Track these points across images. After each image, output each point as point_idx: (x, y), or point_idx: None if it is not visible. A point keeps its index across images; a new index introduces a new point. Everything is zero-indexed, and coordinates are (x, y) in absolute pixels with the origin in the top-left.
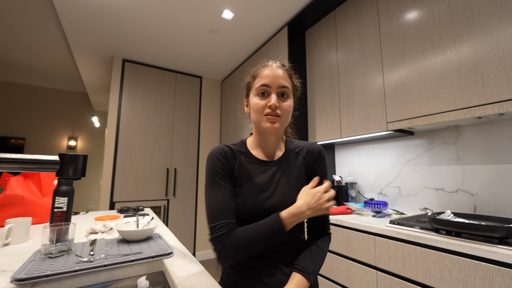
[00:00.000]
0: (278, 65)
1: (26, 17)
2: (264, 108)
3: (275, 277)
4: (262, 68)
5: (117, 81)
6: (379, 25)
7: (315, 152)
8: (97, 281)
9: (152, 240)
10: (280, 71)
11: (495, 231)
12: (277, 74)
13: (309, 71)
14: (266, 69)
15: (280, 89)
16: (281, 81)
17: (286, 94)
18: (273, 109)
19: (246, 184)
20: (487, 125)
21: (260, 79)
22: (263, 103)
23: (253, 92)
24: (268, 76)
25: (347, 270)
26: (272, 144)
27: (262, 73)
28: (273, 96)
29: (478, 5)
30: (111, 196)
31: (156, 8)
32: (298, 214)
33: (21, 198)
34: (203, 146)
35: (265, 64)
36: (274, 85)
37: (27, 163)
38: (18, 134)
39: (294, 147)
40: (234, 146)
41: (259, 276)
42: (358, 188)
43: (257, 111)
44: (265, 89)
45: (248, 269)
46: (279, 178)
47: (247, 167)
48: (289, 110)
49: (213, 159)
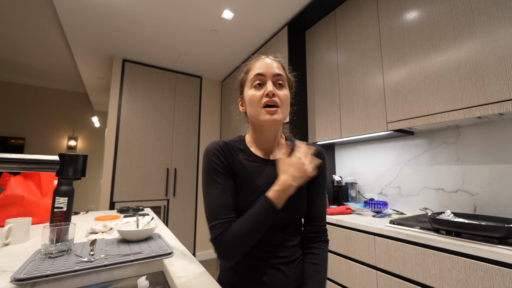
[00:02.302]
0: (270, 57)
1: (26, 17)
2: (261, 99)
3: (276, 278)
4: (254, 61)
5: (117, 81)
6: (379, 25)
7: (316, 153)
8: (97, 281)
9: (152, 240)
10: (272, 61)
11: (495, 231)
12: (271, 64)
13: (309, 71)
14: (258, 61)
15: (276, 77)
16: (276, 70)
17: (282, 83)
18: (270, 97)
19: (245, 184)
20: (487, 125)
21: (253, 70)
22: (259, 94)
23: (248, 86)
24: (261, 66)
25: (347, 270)
26: (271, 141)
27: (255, 65)
28: (269, 83)
29: (478, 5)
30: (111, 196)
31: (156, 8)
32: (285, 190)
33: (21, 198)
34: (203, 146)
35: (258, 57)
36: (268, 73)
37: (27, 163)
38: (18, 134)
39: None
40: (232, 142)
41: (259, 277)
42: (358, 188)
43: (254, 103)
44: (260, 79)
45: (248, 270)
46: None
47: (245, 165)
48: (287, 100)
49: (209, 154)
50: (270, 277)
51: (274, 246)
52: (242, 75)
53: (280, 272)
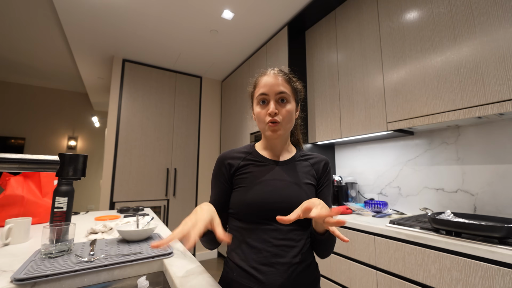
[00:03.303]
0: (275, 72)
1: (26, 17)
2: (265, 116)
3: (274, 278)
4: (260, 77)
5: (117, 81)
6: (379, 25)
7: (323, 163)
8: (97, 281)
9: (152, 240)
10: (277, 77)
11: (495, 231)
12: (274, 82)
13: (309, 71)
14: (263, 78)
15: (278, 95)
16: (279, 88)
17: (286, 99)
18: (272, 116)
19: (250, 179)
20: (487, 125)
21: (258, 88)
22: (264, 112)
23: (255, 102)
24: (265, 84)
25: (347, 270)
26: (279, 147)
27: (260, 82)
28: (271, 104)
29: (478, 5)
30: (111, 196)
31: (156, 8)
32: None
33: (21, 198)
34: (203, 146)
35: (263, 72)
36: (271, 93)
37: (27, 163)
38: (18, 134)
39: (303, 154)
40: (241, 149)
41: (257, 275)
42: (358, 188)
43: (260, 119)
44: (264, 98)
45: (247, 268)
46: (284, 176)
47: (252, 165)
48: (289, 115)
49: (216, 163)
50: (267, 277)
51: (275, 244)
52: (251, 88)
53: (278, 273)
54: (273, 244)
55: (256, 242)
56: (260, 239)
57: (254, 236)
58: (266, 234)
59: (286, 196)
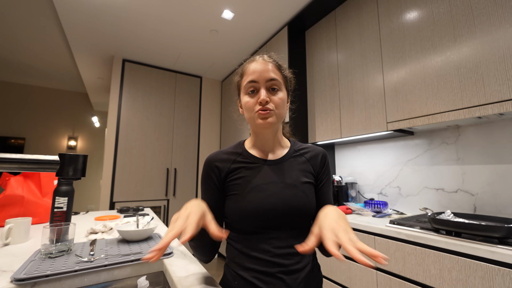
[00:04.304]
0: (265, 58)
1: (26, 17)
2: (255, 105)
3: (276, 287)
4: (248, 64)
5: (117, 81)
6: (379, 25)
7: (320, 156)
8: (97, 281)
9: (152, 240)
10: (267, 63)
11: (495, 231)
12: (264, 68)
13: (309, 71)
14: (252, 64)
15: (269, 82)
16: (269, 74)
17: (277, 87)
18: (263, 105)
19: (242, 185)
20: (487, 125)
21: (247, 76)
22: (253, 101)
23: (243, 91)
24: (254, 71)
25: (347, 270)
26: (270, 142)
27: (248, 70)
28: (262, 92)
29: (478, 5)
30: (111, 196)
31: (156, 8)
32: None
33: (21, 198)
34: (203, 146)
35: (252, 59)
36: (261, 80)
37: (27, 163)
38: (18, 134)
39: (298, 148)
40: (230, 149)
41: (259, 284)
42: (358, 188)
43: (249, 109)
44: (253, 86)
45: (249, 278)
46: (279, 177)
47: (244, 168)
48: (282, 103)
49: (204, 167)
50: (269, 286)
51: (276, 254)
52: (237, 78)
53: (281, 282)
54: (275, 253)
55: (256, 252)
56: (261, 249)
57: (253, 246)
58: (266, 243)
59: (283, 200)
